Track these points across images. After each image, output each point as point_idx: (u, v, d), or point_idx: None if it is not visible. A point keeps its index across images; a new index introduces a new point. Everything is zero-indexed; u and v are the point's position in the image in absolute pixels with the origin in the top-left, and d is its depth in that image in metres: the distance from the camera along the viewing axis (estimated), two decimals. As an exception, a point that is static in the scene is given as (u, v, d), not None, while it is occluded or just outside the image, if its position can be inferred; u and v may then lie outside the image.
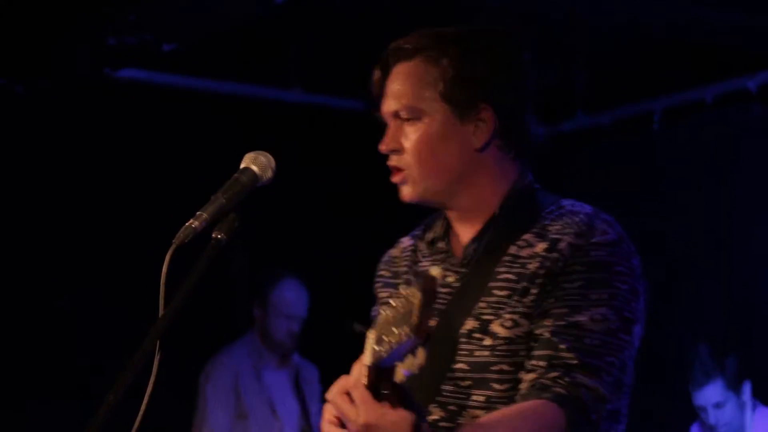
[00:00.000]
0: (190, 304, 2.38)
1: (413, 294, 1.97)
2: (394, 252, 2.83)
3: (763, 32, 5.79)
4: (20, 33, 5.05)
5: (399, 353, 2.02)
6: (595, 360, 2.43)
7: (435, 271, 1.98)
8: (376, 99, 2.71)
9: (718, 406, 5.57)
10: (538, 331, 2.46)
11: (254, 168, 2.55)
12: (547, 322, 2.46)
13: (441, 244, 2.69)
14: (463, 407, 2.51)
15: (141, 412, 2.38)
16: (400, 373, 2.05)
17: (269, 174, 2.57)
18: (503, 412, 2.41)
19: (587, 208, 2.57)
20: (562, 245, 2.50)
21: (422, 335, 1.95)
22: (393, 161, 2.62)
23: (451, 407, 2.51)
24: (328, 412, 2.38)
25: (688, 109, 6.46)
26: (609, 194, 6.63)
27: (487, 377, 2.49)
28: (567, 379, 2.40)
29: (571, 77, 6.62)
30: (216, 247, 2.44)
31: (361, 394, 2.22)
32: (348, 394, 2.26)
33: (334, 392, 2.30)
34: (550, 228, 2.54)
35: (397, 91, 2.62)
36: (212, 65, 5.50)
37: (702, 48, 5.96)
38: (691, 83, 6.38)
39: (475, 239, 2.62)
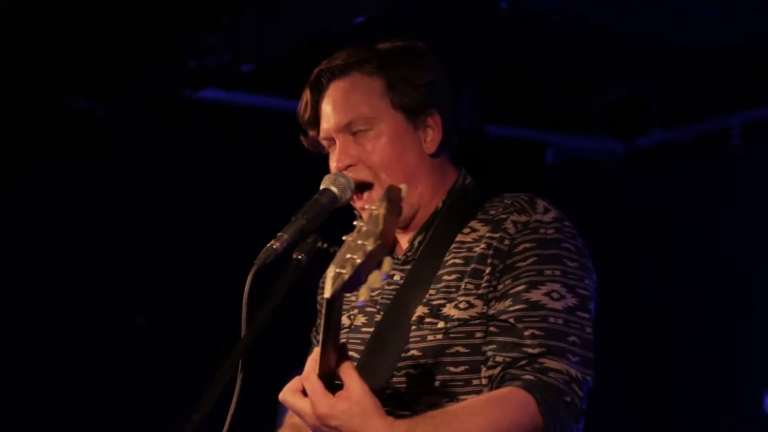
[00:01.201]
0: (273, 323, 2.40)
1: (378, 207, 1.96)
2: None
3: None
4: (101, 55, 5.11)
5: (363, 269, 1.99)
6: (560, 342, 2.43)
7: (402, 185, 1.97)
8: (306, 123, 2.72)
9: None
10: (502, 317, 2.46)
11: (334, 189, 2.57)
12: (508, 304, 2.46)
13: None
14: (417, 395, 2.49)
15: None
16: (365, 293, 2.00)
17: (348, 195, 2.59)
18: (470, 400, 2.40)
19: (526, 193, 2.61)
20: (506, 224, 2.53)
21: (387, 242, 1.92)
22: (352, 176, 2.61)
23: (405, 397, 2.50)
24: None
25: (767, 123, 6.37)
26: (687, 211, 6.58)
27: (442, 361, 2.49)
28: (535, 365, 2.41)
29: (647, 92, 6.56)
30: (297, 268, 2.46)
31: (312, 386, 2.24)
32: (302, 391, 2.27)
33: (285, 391, 2.32)
34: (493, 212, 2.58)
35: (342, 105, 2.62)
36: (290, 85, 5.51)
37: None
38: (770, 98, 6.29)
39: (420, 232, 2.64)
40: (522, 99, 6.40)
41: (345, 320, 2.70)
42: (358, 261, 1.98)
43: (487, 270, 2.50)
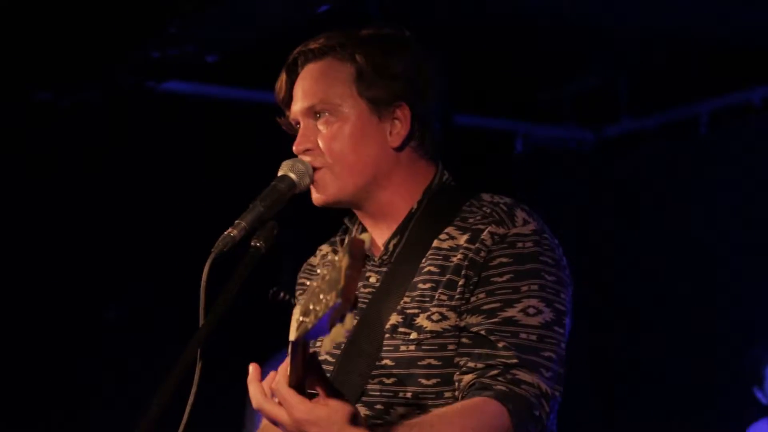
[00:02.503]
0: (238, 311, 2.37)
1: (341, 258, 1.92)
2: (313, 260, 2.81)
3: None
4: (65, 47, 5.08)
5: (325, 322, 1.94)
6: (534, 356, 2.40)
7: (364, 235, 1.94)
8: (282, 103, 2.68)
9: None
10: (473, 329, 2.42)
11: (292, 175, 2.54)
12: (481, 319, 2.42)
13: None
14: (390, 405, 2.46)
15: (184, 421, 2.39)
16: (329, 344, 1.95)
17: (307, 181, 2.56)
18: (444, 409, 2.36)
19: (506, 198, 2.55)
20: (483, 235, 2.47)
21: (349, 299, 1.88)
22: (308, 160, 2.57)
23: (378, 406, 2.46)
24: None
25: (735, 111, 6.39)
26: (656, 199, 6.60)
27: (414, 373, 2.45)
28: (507, 376, 2.37)
29: (616, 81, 6.57)
30: (255, 255, 2.43)
31: (284, 394, 2.18)
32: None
33: (259, 399, 2.26)
34: (471, 219, 2.52)
35: (309, 88, 2.59)
36: (255, 76, 5.51)
37: (749, 50, 5.90)
38: (738, 86, 6.31)
39: (395, 235, 2.58)
40: (491, 88, 6.39)
41: None
42: (320, 314, 1.94)
43: (461, 282, 2.45)
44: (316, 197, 2.59)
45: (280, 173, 2.55)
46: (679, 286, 6.41)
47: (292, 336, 2.08)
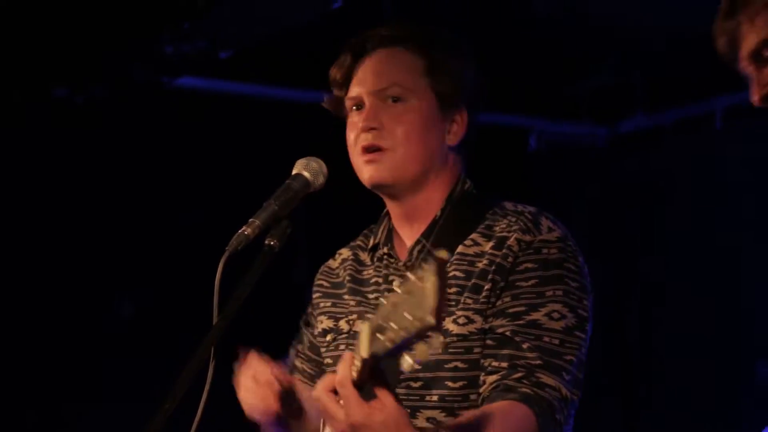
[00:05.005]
0: (253, 311, 2.37)
1: (426, 278, 1.92)
2: (332, 263, 2.84)
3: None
4: (78, 43, 5.08)
5: (409, 341, 1.95)
6: (556, 359, 2.44)
7: (443, 253, 1.94)
8: (335, 82, 2.73)
9: None
10: (498, 330, 2.46)
11: (306, 174, 2.56)
12: (506, 321, 2.46)
13: (384, 249, 2.69)
14: (417, 409, 2.49)
15: (197, 421, 2.39)
16: (409, 362, 1.97)
17: (321, 180, 2.58)
18: (473, 413, 2.38)
19: (530, 207, 2.61)
20: (510, 242, 2.52)
21: (441, 319, 1.90)
22: (371, 139, 2.62)
23: (404, 410, 2.48)
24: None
25: (750, 107, 6.33)
26: (671, 195, 6.57)
27: (440, 376, 2.49)
28: (532, 379, 2.41)
29: (630, 77, 6.54)
30: (269, 254, 2.44)
31: (348, 392, 2.17)
32: (335, 391, 2.20)
33: (320, 389, 2.25)
34: (496, 227, 2.57)
35: (384, 71, 2.64)
36: (269, 71, 5.50)
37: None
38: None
39: (419, 240, 2.63)
40: (504, 84, 6.37)
41: (344, 325, 2.71)
42: (403, 335, 1.95)
43: (487, 286, 2.50)
44: (371, 175, 2.62)
45: (294, 172, 2.57)
46: (693, 282, 6.38)
47: (365, 352, 2.07)
